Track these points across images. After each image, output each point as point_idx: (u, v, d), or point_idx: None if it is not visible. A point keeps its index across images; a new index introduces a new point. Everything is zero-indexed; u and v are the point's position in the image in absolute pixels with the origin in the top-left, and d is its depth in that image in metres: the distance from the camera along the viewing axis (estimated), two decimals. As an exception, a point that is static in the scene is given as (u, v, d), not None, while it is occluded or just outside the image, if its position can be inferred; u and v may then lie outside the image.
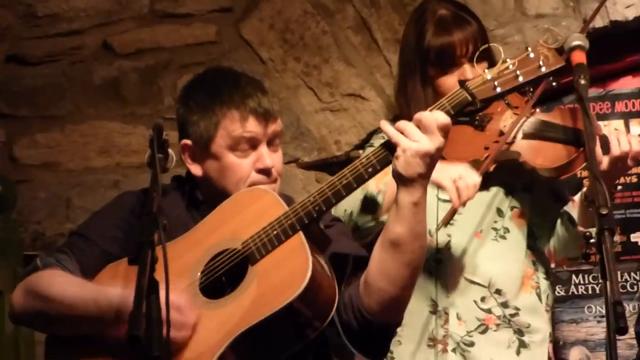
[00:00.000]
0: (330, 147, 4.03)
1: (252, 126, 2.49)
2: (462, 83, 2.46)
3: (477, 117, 2.99)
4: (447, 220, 2.92)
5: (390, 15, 4.00)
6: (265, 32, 4.06)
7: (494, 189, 3.04)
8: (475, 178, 2.84)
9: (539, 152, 2.94)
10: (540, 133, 2.97)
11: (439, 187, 2.86)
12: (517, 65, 2.42)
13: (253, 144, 2.51)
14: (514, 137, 2.97)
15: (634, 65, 4.27)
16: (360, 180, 2.38)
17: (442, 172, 2.81)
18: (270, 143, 2.53)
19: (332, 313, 2.34)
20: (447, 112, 2.38)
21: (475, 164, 2.96)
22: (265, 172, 2.51)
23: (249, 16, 4.07)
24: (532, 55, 2.44)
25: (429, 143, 2.28)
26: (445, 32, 3.03)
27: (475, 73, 2.99)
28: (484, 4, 3.96)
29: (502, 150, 2.96)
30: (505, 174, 2.98)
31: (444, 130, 2.30)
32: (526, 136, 2.98)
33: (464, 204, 2.85)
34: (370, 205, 2.95)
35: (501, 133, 2.99)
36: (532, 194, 3.08)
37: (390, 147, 2.34)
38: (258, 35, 4.06)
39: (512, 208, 3.06)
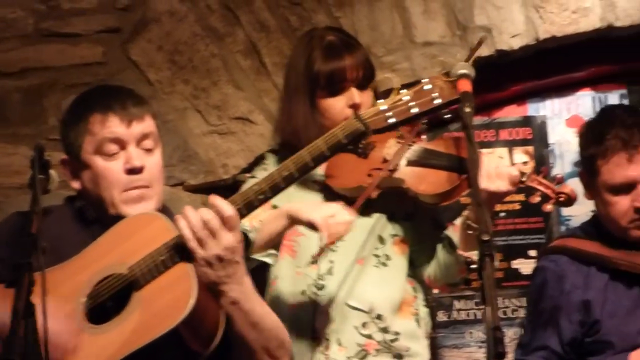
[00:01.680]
0: (218, 171, 4.01)
1: (115, 125, 2.45)
2: (356, 113, 2.47)
3: (361, 145, 3.00)
4: (318, 257, 2.92)
5: (279, 40, 4.01)
6: (154, 53, 4.02)
7: (375, 216, 3.05)
8: (347, 216, 2.84)
9: (423, 179, 2.96)
10: (424, 160, 3.00)
11: (311, 226, 2.86)
12: (412, 97, 2.43)
13: (120, 144, 2.46)
14: (398, 165, 2.99)
15: (519, 95, 4.36)
16: (251, 207, 2.36)
17: (316, 211, 2.83)
18: (140, 144, 2.48)
19: (216, 340, 2.32)
20: (340, 142, 2.39)
21: (359, 190, 2.97)
22: (135, 171, 2.45)
23: (137, 37, 4.03)
24: (427, 87, 2.45)
25: (216, 247, 2.27)
26: (335, 57, 3.04)
27: (362, 98, 3.02)
28: (373, 31, 4.00)
29: (385, 177, 2.98)
30: (387, 201, 3.00)
31: (232, 224, 2.28)
32: (410, 163, 3.00)
33: (333, 242, 2.86)
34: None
35: (385, 160, 3.01)
36: (413, 222, 3.10)
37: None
38: (146, 57, 4.02)
39: (393, 235, 3.08)
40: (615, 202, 2.97)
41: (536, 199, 2.90)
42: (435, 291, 3.34)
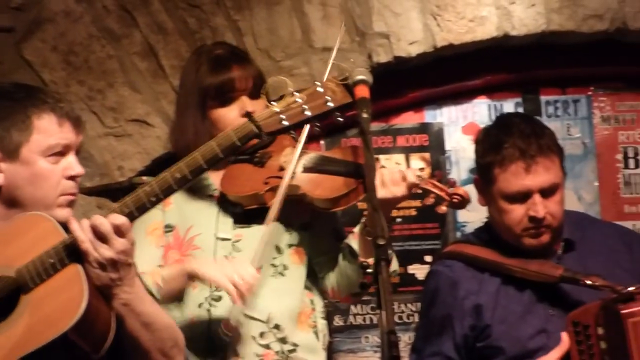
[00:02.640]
0: (113, 173, 3.95)
1: (68, 131, 2.43)
2: (249, 115, 2.46)
3: (257, 155, 3.01)
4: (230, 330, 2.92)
5: (177, 42, 3.97)
6: (48, 53, 3.94)
7: (272, 225, 3.04)
8: (250, 270, 2.84)
9: (319, 184, 2.97)
10: (320, 167, 3.01)
11: (218, 286, 2.86)
12: (305, 100, 2.44)
13: (65, 150, 2.43)
14: (294, 173, 2.99)
15: (416, 101, 4.39)
16: (143, 209, 2.34)
17: (217, 270, 2.84)
18: (77, 152, 2.48)
19: (107, 344, 2.29)
20: (233, 144, 2.38)
21: (256, 198, 2.97)
22: (74, 179, 2.44)
23: (31, 37, 3.94)
24: (320, 89, 2.46)
25: (110, 250, 2.27)
26: (224, 68, 3.05)
27: (255, 106, 3.01)
28: (272, 35, 3.99)
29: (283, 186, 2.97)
30: (284, 211, 2.98)
31: (123, 231, 2.28)
32: (306, 170, 3.01)
33: (244, 299, 2.85)
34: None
35: (281, 168, 3.01)
36: (311, 232, 3.11)
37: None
38: (40, 57, 3.94)
39: (290, 245, 3.08)
40: (510, 210, 3.00)
41: (430, 200, 2.92)
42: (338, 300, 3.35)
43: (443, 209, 2.92)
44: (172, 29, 3.99)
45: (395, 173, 2.90)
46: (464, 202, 2.91)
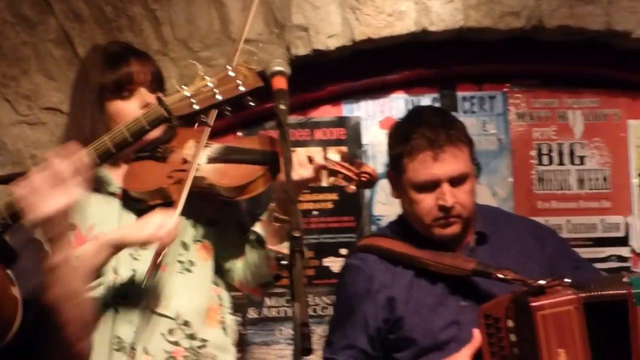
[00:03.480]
0: (26, 162, 3.87)
1: None
2: (160, 99, 2.44)
3: (159, 150, 2.97)
4: (153, 273, 2.87)
5: (93, 30, 3.92)
6: (-41, 39, 3.87)
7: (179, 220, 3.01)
8: (171, 219, 2.82)
9: (225, 173, 2.95)
10: (225, 156, 2.98)
11: (144, 244, 2.83)
12: (216, 84, 2.42)
13: None
14: (199, 165, 2.97)
15: (334, 95, 4.40)
16: None
17: (142, 228, 2.80)
18: None
19: (12, 331, 2.25)
20: (143, 128, 2.36)
21: (160, 193, 2.94)
22: None
23: (-58, 22, 3.87)
24: (231, 73, 2.44)
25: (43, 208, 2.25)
26: (122, 61, 3.00)
27: (152, 98, 2.98)
28: (190, 25, 3.96)
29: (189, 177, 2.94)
30: (190, 205, 2.95)
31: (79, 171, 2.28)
32: (211, 160, 2.98)
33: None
34: None
35: (185, 161, 2.98)
36: (218, 227, 3.09)
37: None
38: (-49, 43, 3.87)
39: (196, 241, 3.05)
40: (420, 200, 3.03)
41: (339, 181, 2.93)
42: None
43: (352, 188, 2.92)
44: (89, 17, 3.93)
45: (302, 155, 2.90)
46: (372, 180, 2.92)
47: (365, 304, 3.07)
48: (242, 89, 2.44)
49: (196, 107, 2.41)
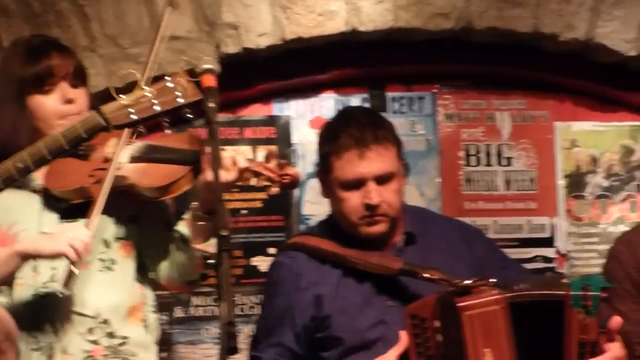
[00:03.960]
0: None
1: None
2: (98, 108, 2.42)
3: (81, 148, 2.92)
4: (69, 283, 2.83)
5: (20, 25, 3.87)
6: None
7: (99, 218, 2.98)
8: (85, 232, 2.78)
9: (147, 173, 2.92)
10: (148, 155, 2.95)
11: (58, 256, 2.78)
12: (155, 94, 2.41)
13: None
14: (120, 163, 2.93)
15: (264, 94, 4.39)
16: None
17: (50, 241, 2.75)
18: None
19: None
20: (79, 136, 2.33)
21: (81, 192, 2.90)
22: None
23: None
24: (170, 85, 2.43)
25: None
26: (43, 55, 2.96)
27: (75, 94, 2.95)
28: (119, 21, 3.93)
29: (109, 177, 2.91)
30: (111, 203, 2.92)
31: None
32: (134, 160, 2.95)
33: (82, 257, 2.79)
34: None
35: (106, 160, 2.94)
36: (140, 225, 3.06)
37: None
38: None
39: (117, 239, 3.02)
40: (346, 198, 3.04)
41: (262, 182, 2.93)
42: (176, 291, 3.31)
43: (274, 190, 2.93)
44: (16, 12, 3.88)
45: (226, 159, 2.89)
46: (294, 182, 2.92)
47: (293, 302, 3.07)
48: (180, 101, 2.44)
49: (134, 117, 2.40)
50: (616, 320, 2.83)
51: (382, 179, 3.02)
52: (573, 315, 2.78)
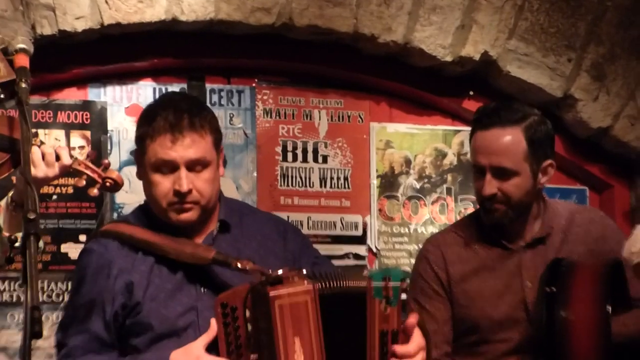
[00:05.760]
0: None
1: None
2: None
3: None
4: None
5: None
6: None
7: None
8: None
9: None
10: None
11: None
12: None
13: None
14: None
15: (80, 78, 4.31)
16: None
17: None
18: None
19: None
20: None
21: None
22: None
23: None
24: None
25: None
26: None
27: None
28: None
29: None
30: None
31: None
32: None
33: None
34: None
35: None
36: None
37: None
38: None
39: None
40: (157, 182, 3.01)
41: (82, 182, 2.90)
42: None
43: (95, 192, 2.91)
44: None
45: (49, 155, 2.82)
46: (117, 186, 2.93)
47: (103, 289, 3.01)
48: (-8, 80, 2.36)
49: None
50: (414, 316, 2.91)
51: (194, 166, 3.01)
52: (375, 306, 2.85)
